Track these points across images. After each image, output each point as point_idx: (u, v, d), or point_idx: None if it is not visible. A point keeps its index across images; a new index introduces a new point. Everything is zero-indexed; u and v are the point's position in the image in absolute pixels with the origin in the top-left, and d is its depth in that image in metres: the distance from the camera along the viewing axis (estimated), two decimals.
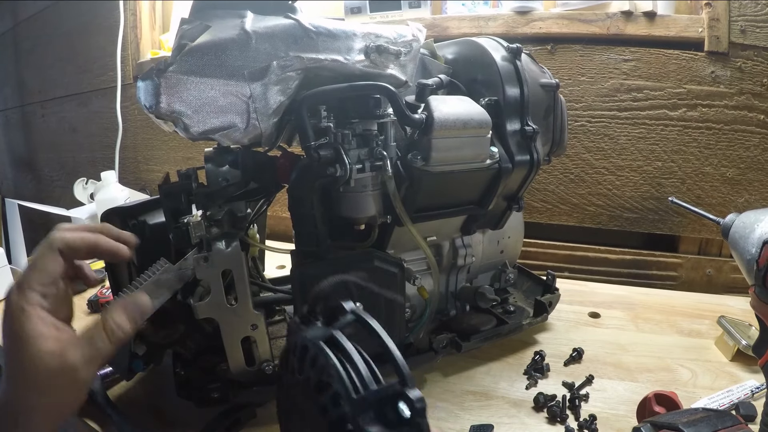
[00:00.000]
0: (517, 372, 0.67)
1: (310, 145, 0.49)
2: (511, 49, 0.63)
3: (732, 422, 0.43)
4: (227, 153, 0.55)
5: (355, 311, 0.33)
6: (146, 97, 0.47)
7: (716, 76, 0.90)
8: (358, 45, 0.53)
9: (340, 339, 0.31)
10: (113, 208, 0.59)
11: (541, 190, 1.04)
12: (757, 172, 0.92)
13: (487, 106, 0.59)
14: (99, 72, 1.46)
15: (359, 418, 0.28)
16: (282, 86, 0.49)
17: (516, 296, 0.79)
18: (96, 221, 1.11)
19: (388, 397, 0.28)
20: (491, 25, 1.00)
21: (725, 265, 0.96)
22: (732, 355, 0.67)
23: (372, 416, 0.28)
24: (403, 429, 0.27)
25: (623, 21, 0.93)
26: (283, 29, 0.49)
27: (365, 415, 0.28)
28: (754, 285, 0.46)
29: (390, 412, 0.28)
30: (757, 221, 0.46)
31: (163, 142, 1.39)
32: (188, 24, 0.48)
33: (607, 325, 0.79)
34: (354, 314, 0.33)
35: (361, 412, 0.28)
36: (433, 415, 0.59)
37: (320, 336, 0.32)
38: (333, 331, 0.32)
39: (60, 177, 1.71)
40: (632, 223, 1.01)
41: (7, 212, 1.10)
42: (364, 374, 0.29)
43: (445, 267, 0.68)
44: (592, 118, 0.98)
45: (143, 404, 0.62)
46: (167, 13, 1.44)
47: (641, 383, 0.64)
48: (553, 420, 0.58)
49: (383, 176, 0.53)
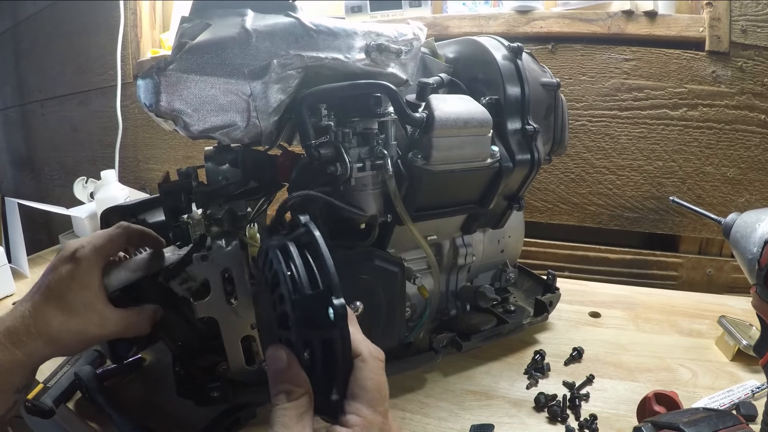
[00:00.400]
0: (517, 372, 0.67)
1: (311, 144, 0.49)
2: (512, 48, 0.62)
3: (733, 422, 0.43)
4: (227, 152, 0.55)
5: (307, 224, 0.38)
6: (146, 95, 0.46)
7: (717, 75, 0.90)
8: (358, 43, 0.53)
9: (291, 247, 0.36)
10: (113, 206, 0.59)
11: (541, 190, 1.04)
12: (758, 172, 0.92)
13: (488, 105, 0.58)
14: (99, 71, 1.46)
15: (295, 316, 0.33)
16: (282, 85, 0.49)
17: (516, 296, 0.79)
18: (96, 220, 1.11)
19: (319, 301, 0.33)
20: (492, 24, 1.00)
21: (726, 264, 0.96)
22: (732, 355, 0.67)
23: (306, 316, 0.33)
24: (328, 329, 0.32)
25: (624, 20, 0.93)
26: (284, 28, 0.49)
27: (300, 314, 0.33)
28: (755, 285, 0.46)
29: (322, 313, 0.32)
30: (758, 221, 0.46)
31: (163, 141, 1.39)
32: (188, 22, 0.48)
33: (607, 325, 0.79)
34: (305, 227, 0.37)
35: (297, 312, 0.33)
36: (434, 414, 0.59)
37: (276, 244, 0.36)
38: (287, 241, 0.36)
39: (60, 176, 1.70)
40: (633, 223, 1.00)
41: (7, 211, 1.09)
42: (303, 280, 0.34)
43: (446, 266, 0.68)
44: (592, 118, 0.98)
45: (143, 404, 0.62)
46: (167, 11, 1.43)
47: (642, 383, 0.64)
48: (554, 420, 0.58)
49: (384, 175, 0.52)
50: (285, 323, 0.34)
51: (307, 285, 0.33)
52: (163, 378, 0.62)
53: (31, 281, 1.01)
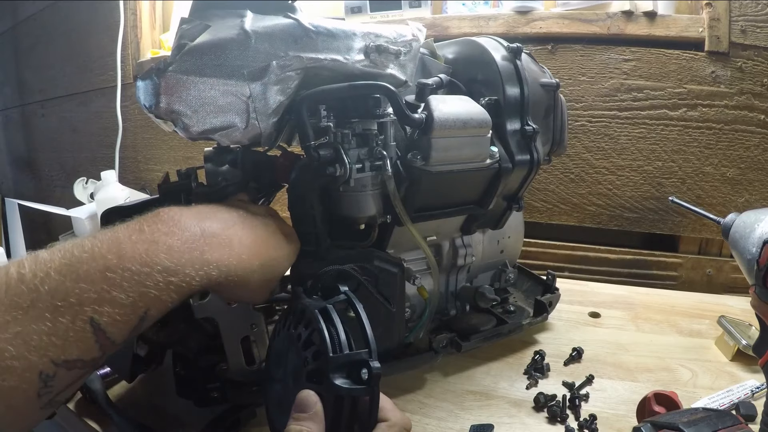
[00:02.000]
0: (517, 372, 0.67)
1: (310, 145, 0.49)
2: (511, 49, 0.62)
3: (732, 422, 0.43)
4: (227, 152, 0.55)
5: (347, 293, 0.43)
6: (146, 96, 0.47)
7: (716, 76, 0.90)
8: (357, 45, 0.53)
9: (331, 312, 0.40)
10: (113, 207, 0.59)
11: (541, 190, 1.04)
12: (758, 172, 0.92)
13: (487, 106, 0.59)
14: (99, 71, 1.46)
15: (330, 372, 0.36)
16: (281, 86, 0.49)
17: (516, 296, 0.79)
18: (96, 221, 1.11)
19: (355, 362, 0.37)
20: (491, 24, 1.00)
21: (725, 264, 0.96)
22: (732, 355, 0.67)
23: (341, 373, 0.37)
24: (360, 389, 0.36)
25: (624, 21, 0.93)
26: (283, 29, 0.49)
27: (336, 371, 0.36)
28: (754, 285, 0.46)
29: (354, 374, 0.36)
30: (757, 221, 0.46)
31: (163, 142, 1.39)
32: (188, 23, 0.48)
33: (607, 325, 0.79)
34: (346, 295, 0.43)
35: (333, 369, 0.36)
36: (433, 414, 0.59)
37: (316, 306, 0.40)
38: (327, 305, 0.41)
39: (60, 176, 1.70)
40: (632, 223, 1.00)
41: (7, 211, 1.10)
42: (342, 341, 0.37)
43: (445, 267, 0.68)
44: (592, 118, 0.98)
45: (143, 404, 0.62)
46: (167, 12, 1.43)
47: (641, 383, 0.64)
48: (554, 420, 0.58)
49: (383, 176, 0.52)
50: (317, 378, 0.37)
51: (345, 345, 0.37)
52: (163, 378, 0.62)
53: None
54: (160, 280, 0.35)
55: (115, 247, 0.35)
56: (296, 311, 0.43)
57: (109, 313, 0.34)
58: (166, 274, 0.36)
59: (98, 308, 0.33)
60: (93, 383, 0.60)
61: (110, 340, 0.34)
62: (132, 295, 0.34)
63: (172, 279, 0.36)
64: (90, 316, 0.33)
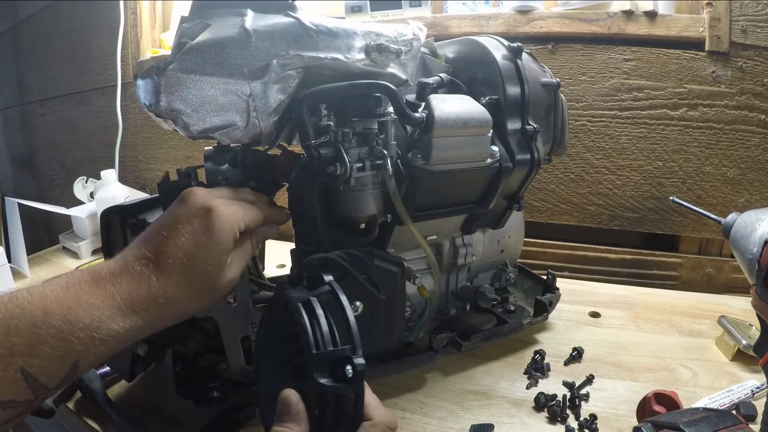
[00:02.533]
0: (517, 371, 0.67)
1: (310, 144, 0.49)
2: (511, 48, 0.62)
3: (732, 422, 0.43)
4: (227, 152, 0.55)
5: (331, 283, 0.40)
6: (146, 95, 0.46)
7: (717, 75, 0.90)
8: (358, 43, 0.53)
9: (314, 305, 0.38)
10: (113, 206, 0.59)
11: (541, 190, 1.04)
12: (758, 172, 0.92)
13: (488, 105, 0.58)
14: (99, 71, 1.46)
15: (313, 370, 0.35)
16: (282, 85, 0.49)
17: (516, 296, 0.79)
18: (96, 220, 1.11)
19: (339, 358, 0.35)
20: (492, 24, 1.00)
21: (726, 264, 0.95)
22: (732, 355, 0.67)
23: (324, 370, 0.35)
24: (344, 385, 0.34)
25: (624, 20, 0.93)
26: (283, 28, 0.49)
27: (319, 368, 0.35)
28: (755, 284, 0.46)
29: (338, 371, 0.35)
30: (758, 221, 0.46)
31: (163, 141, 1.39)
32: (188, 22, 0.48)
33: (607, 325, 0.79)
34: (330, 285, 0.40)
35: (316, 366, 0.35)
36: (433, 414, 0.59)
37: (300, 298, 0.38)
38: (310, 297, 0.39)
39: (60, 176, 1.70)
40: (633, 223, 1.00)
41: (6, 211, 1.09)
42: (326, 336, 0.36)
43: (446, 266, 0.68)
44: (592, 118, 0.98)
45: (143, 404, 0.62)
46: (167, 11, 1.43)
47: (641, 383, 0.64)
48: (554, 420, 0.58)
49: (383, 175, 0.52)
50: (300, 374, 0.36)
51: (329, 341, 0.36)
52: (163, 378, 0.62)
53: (31, 281, 1.01)
54: (83, 336, 0.36)
55: (42, 303, 0.36)
56: (280, 303, 0.41)
57: (39, 364, 0.35)
58: (89, 330, 0.37)
59: (28, 360, 0.35)
60: (92, 382, 0.60)
61: (43, 386, 0.36)
62: (59, 350, 0.36)
63: (95, 335, 0.37)
64: (20, 365, 0.34)
